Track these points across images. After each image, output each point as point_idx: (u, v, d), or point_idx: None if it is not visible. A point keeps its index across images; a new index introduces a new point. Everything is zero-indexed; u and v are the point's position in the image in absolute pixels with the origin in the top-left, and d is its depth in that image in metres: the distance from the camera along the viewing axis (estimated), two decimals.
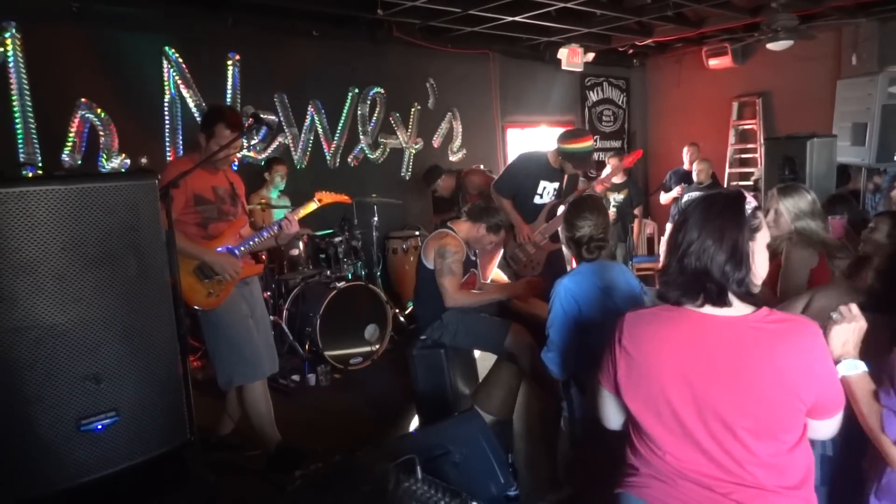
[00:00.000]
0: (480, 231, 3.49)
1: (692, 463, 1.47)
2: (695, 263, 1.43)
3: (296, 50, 5.76)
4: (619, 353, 1.54)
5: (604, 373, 1.62)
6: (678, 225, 1.51)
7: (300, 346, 4.72)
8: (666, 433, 1.49)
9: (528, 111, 7.81)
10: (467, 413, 2.79)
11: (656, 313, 1.54)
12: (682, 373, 1.45)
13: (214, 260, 3.01)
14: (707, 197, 1.54)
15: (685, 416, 1.46)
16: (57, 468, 1.96)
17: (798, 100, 7.33)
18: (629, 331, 1.54)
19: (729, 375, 1.42)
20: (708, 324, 1.45)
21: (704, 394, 1.43)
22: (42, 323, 1.91)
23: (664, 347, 1.48)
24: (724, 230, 1.42)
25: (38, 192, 1.91)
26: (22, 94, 4.29)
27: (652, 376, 1.49)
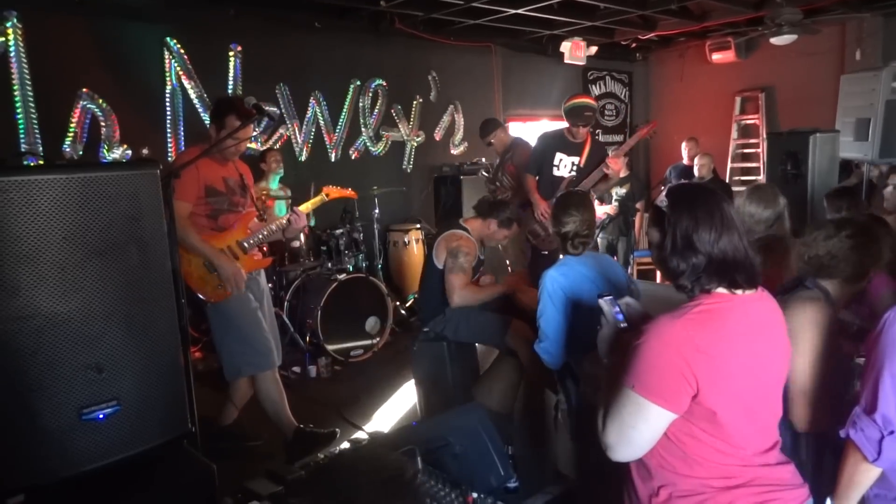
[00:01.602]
0: (492, 227, 3.51)
1: (755, 447, 1.50)
2: (730, 252, 1.47)
3: (298, 41, 5.74)
4: (699, 362, 1.39)
5: (664, 393, 1.40)
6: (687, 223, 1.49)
7: (301, 338, 4.73)
8: (741, 427, 1.46)
9: (530, 105, 7.79)
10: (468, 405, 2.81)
11: (712, 309, 1.46)
12: (751, 357, 1.46)
13: (223, 265, 3.03)
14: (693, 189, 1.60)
15: (752, 399, 1.48)
16: (59, 457, 1.96)
17: (801, 95, 7.32)
18: (702, 335, 1.41)
19: (772, 346, 1.53)
20: (753, 305, 1.51)
21: (763, 369, 1.50)
22: (43, 312, 1.91)
23: (736, 339, 1.45)
24: (730, 219, 1.50)
25: (40, 181, 1.90)
26: (23, 84, 4.29)
27: (733, 372, 1.43)
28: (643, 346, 1.43)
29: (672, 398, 1.41)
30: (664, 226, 1.52)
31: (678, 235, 1.49)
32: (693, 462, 1.46)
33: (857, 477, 1.56)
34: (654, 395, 1.41)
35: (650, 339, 1.42)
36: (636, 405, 1.43)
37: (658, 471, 1.50)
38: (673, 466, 1.48)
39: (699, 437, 1.45)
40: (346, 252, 5.14)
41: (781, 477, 1.50)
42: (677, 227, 1.49)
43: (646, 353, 1.42)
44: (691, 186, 1.64)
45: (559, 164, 4.50)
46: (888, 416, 1.48)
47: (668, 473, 1.48)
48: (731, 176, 8.07)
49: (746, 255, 1.49)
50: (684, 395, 1.40)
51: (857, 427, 1.53)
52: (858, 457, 1.54)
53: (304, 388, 4.34)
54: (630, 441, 1.46)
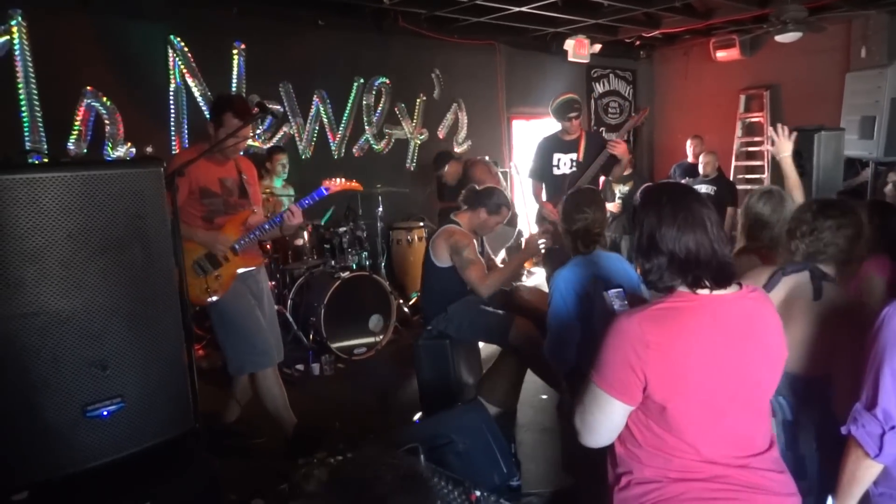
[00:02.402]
0: (482, 216, 3.51)
1: (722, 448, 1.50)
2: (693, 249, 1.48)
3: (301, 39, 5.74)
4: (648, 357, 1.43)
5: (615, 384, 1.46)
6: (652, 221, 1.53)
7: (304, 335, 4.74)
8: (703, 426, 1.48)
9: (533, 103, 7.77)
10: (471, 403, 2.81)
11: (673, 307, 1.48)
12: (714, 358, 1.47)
13: (203, 238, 3.03)
14: (661, 188, 1.63)
15: (718, 401, 1.48)
16: (63, 453, 1.97)
17: (806, 93, 7.29)
18: (655, 332, 1.44)
19: (749, 348, 1.50)
20: (723, 305, 1.50)
21: (733, 372, 1.48)
22: (48, 309, 1.92)
23: (696, 339, 1.46)
24: (706, 215, 1.52)
25: (44, 178, 1.91)
26: (28, 82, 4.30)
27: (688, 370, 1.45)
28: (604, 341, 1.50)
29: (622, 389, 1.47)
30: (634, 225, 1.59)
31: (644, 234, 1.54)
32: (649, 454, 1.52)
33: (858, 473, 1.56)
34: (607, 386, 1.48)
35: (609, 334, 1.50)
36: (594, 395, 1.51)
37: (622, 458, 1.57)
38: (635, 455, 1.54)
39: (654, 431, 1.50)
40: (350, 250, 5.15)
41: (760, 482, 1.49)
42: (644, 226, 1.54)
43: (604, 346, 1.50)
44: (660, 185, 1.69)
45: (558, 163, 4.55)
46: (889, 412, 1.48)
47: (630, 462, 1.55)
48: (735, 174, 8.05)
49: (714, 254, 1.49)
50: (634, 387, 1.46)
51: (857, 423, 1.52)
52: (860, 453, 1.53)
53: (308, 386, 4.35)
54: (591, 428, 1.54)
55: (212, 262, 3.06)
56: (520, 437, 3.45)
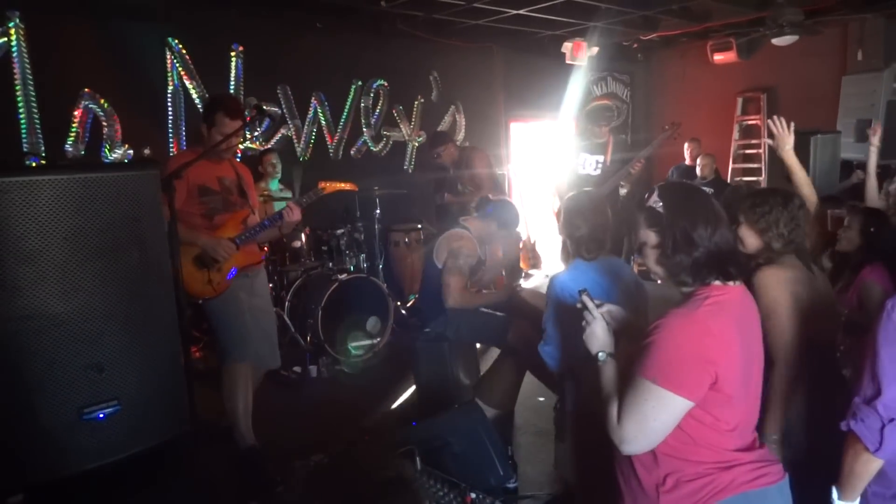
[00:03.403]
0: (492, 227, 3.54)
1: (749, 430, 1.61)
2: (724, 245, 1.56)
3: (299, 42, 5.75)
4: (719, 350, 1.47)
5: (685, 383, 1.45)
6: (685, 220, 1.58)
7: (302, 337, 4.74)
8: (742, 411, 1.57)
9: (531, 105, 7.78)
10: (467, 405, 2.81)
11: (718, 300, 1.53)
12: (745, 345, 1.55)
13: (206, 242, 3.02)
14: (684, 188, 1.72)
15: (748, 385, 1.58)
16: (59, 456, 1.97)
17: (803, 95, 7.31)
18: (718, 325, 1.49)
19: (755, 333, 1.63)
20: (741, 295, 1.61)
21: (752, 357, 1.59)
22: (45, 312, 1.92)
23: (738, 327, 1.54)
24: (720, 213, 1.60)
25: (41, 181, 1.91)
26: (25, 84, 4.30)
27: (740, 359, 1.53)
28: (662, 341, 1.49)
29: (694, 388, 1.47)
30: (661, 226, 1.60)
31: (677, 233, 1.57)
32: (699, 447, 1.53)
33: (857, 468, 1.56)
34: (676, 387, 1.46)
35: (669, 332, 1.49)
36: (659, 398, 1.47)
37: (664, 459, 1.55)
38: (680, 453, 1.53)
39: (706, 422, 1.51)
40: (347, 252, 5.15)
41: (763, 454, 1.61)
42: (675, 226, 1.57)
43: (665, 346, 1.48)
44: (680, 185, 1.77)
45: (584, 163, 4.73)
46: (889, 405, 1.48)
47: (674, 460, 1.54)
48: (732, 177, 8.06)
49: (736, 248, 1.62)
50: (704, 383, 1.47)
51: (857, 417, 1.52)
52: (859, 447, 1.53)
53: (305, 388, 4.35)
54: (650, 433, 1.50)
55: (214, 259, 3.06)
56: (517, 439, 3.46)
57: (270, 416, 3.45)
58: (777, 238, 2.17)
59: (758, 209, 2.21)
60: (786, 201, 2.20)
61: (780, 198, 2.22)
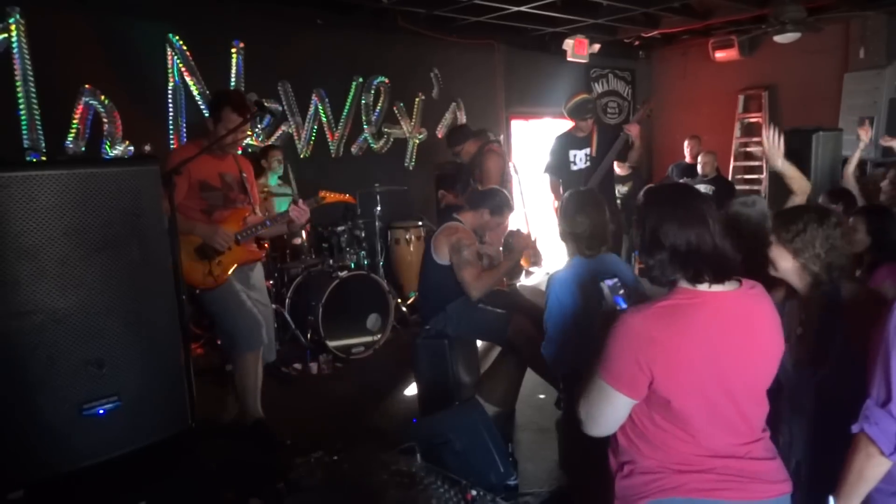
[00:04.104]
0: (485, 217, 3.53)
1: (721, 439, 1.54)
2: (694, 243, 1.52)
3: (300, 38, 5.74)
4: (655, 353, 1.46)
5: (622, 379, 1.50)
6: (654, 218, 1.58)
7: (302, 334, 4.73)
8: (704, 419, 1.52)
9: (532, 103, 7.77)
10: (468, 403, 2.81)
11: (679, 304, 1.51)
12: (716, 354, 1.50)
13: (204, 232, 3.03)
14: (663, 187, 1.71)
15: (718, 395, 1.52)
16: (60, 452, 1.97)
17: (804, 93, 7.29)
18: (660, 328, 1.48)
19: (747, 344, 1.54)
20: (725, 301, 1.54)
21: (733, 367, 1.52)
22: (44, 308, 1.92)
23: (699, 335, 1.50)
24: (706, 211, 1.56)
25: (41, 176, 1.91)
26: (26, 81, 4.29)
27: (692, 366, 1.49)
28: (610, 336, 1.54)
29: (629, 384, 1.51)
30: (638, 223, 1.62)
31: (647, 230, 1.58)
32: (653, 445, 1.55)
33: (867, 472, 1.54)
34: (613, 381, 1.52)
35: (615, 330, 1.53)
36: (600, 389, 1.55)
37: (625, 448, 1.61)
38: (637, 447, 1.58)
39: (658, 424, 1.54)
40: (348, 249, 5.14)
41: (755, 470, 1.54)
42: (646, 223, 1.59)
43: (610, 342, 1.53)
44: (663, 185, 1.79)
45: (574, 159, 4.76)
46: None
47: (633, 452, 1.59)
48: (733, 174, 8.05)
49: (714, 248, 1.53)
50: (640, 382, 1.50)
51: (870, 421, 1.50)
52: (872, 451, 1.51)
53: (305, 385, 4.35)
54: (596, 420, 1.59)
55: (214, 249, 3.08)
56: (517, 436, 3.45)
57: (271, 412, 3.44)
58: (814, 259, 1.97)
59: (791, 227, 2.02)
60: (821, 219, 2.00)
61: (815, 214, 2.03)
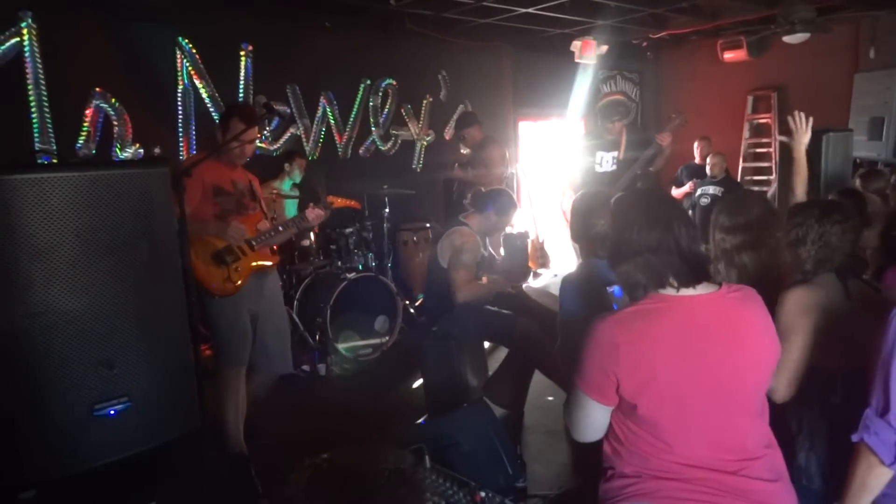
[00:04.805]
0: (491, 218, 3.53)
1: (702, 450, 1.49)
2: (654, 249, 1.49)
3: (308, 41, 5.76)
4: (618, 357, 1.45)
5: (591, 386, 1.51)
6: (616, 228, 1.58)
7: (310, 336, 4.75)
8: (676, 426, 1.48)
9: (540, 104, 7.76)
10: (476, 404, 2.81)
11: (644, 309, 1.49)
12: (685, 358, 1.46)
13: (217, 228, 3.01)
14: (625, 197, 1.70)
15: (692, 401, 1.47)
16: (71, 452, 1.98)
17: (814, 94, 7.24)
18: (623, 334, 1.46)
19: (727, 349, 1.49)
20: (699, 305, 1.50)
21: (710, 373, 1.47)
22: (56, 308, 1.93)
23: (664, 339, 1.46)
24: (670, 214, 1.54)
25: (53, 178, 1.92)
26: (37, 84, 4.32)
27: (657, 370, 1.45)
28: (582, 344, 1.54)
29: (598, 390, 1.52)
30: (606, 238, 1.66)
31: (612, 243, 1.60)
32: (630, 451, 1.55)
33: (869, 481, 1.53)
34: (585, 387, 1.54)
35: (586, 337, 1.53)
36: (576, 396, 1.58)
37: (607, 455, 1.62)
38: (617, 452, 1.58)
39: (632, 429, 1.53)
40: (356, 251, 5.16)
41: (747, 488, 1.47)
42: (610, 236, 1.62)
43: (582, 349, 1.54)
44: (631, 194, 1.76)
45: (601, 161, 4.72)
46: None
47: (613, 458, 1.59)
48: (742, 175, 8.01)
49: (678, 251, 1.49)
50: (608, 388, 1.50)
51: (870, 431, 1.50)
52: (873, 460, 1.50)
53: (313, 386, 4.36)
54: (576, 426, 1.62)
55: (230, 254, 3.07)
56: (526, 438, 3.45)
57: (279, 414, 3.46)
58: (805, 254, 1.99)
59: (791, 220, 2.05)
60: (822, 216, 1.99)
61: (818, 211, 2.02)
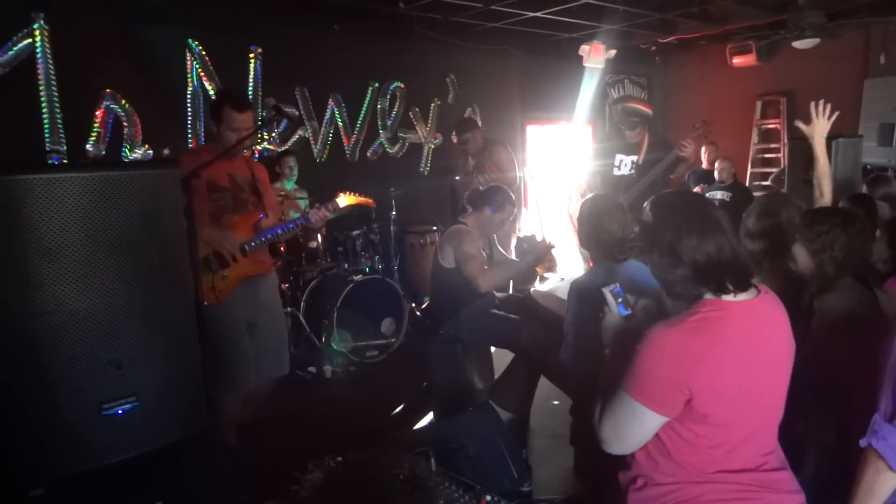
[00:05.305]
0: (486, 214, 3.52)
1: (747, 451, 1.52)
2: (714, 255, 1.48)
3: (317, 44, 5.78)
4: (697, 370, 1.43)
5: (655, 398, 1.46)
6: (670, 233, 1.52)
7: (317, 338, 4.76)
8: (734, 430, 1.51)
9: (548, 108, 7.76)
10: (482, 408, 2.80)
11: (708, 317, 1.48)
12: (745, 364, 1.48)
13: (212, 236, 2.91)
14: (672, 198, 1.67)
15: (747, 405, 1.50)
16: (79, 451, 1.99)
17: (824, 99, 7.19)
18: (698, 344, 1.45)
19: (770, 352, 1.53)
20: (748, 310, 1.52)
21: (758, 376, 1.51)
22: (66, 308, 1.94)
23: (732, 347, 1.47)
24: (721, 218, 1.53)
25: (64, 179, 1.93)
26: (49, 85, 4.36)
27: (728, 380, 1.46)
28: (641, 353, 1.48)
29: (665, 404, 1.47)
30: (650, 240, 1.58)
31: (664, 247, 1.53)
32: (672, 460, 1.52)
33: (877, 486, 1.52)
34: (647, 401, 1.47)
35: (647, 347, 1.47)
36: (630, 408, 1.49)
37: (639, 462, 1.57)
38: (654, 461, 1.54)
39: (685, 437, 1.50)
40: (363, 253, 5.17)
41: (770, 481, 1.52)
42: (662, 240, 1.53)
43: (642, 359, 1.48)
44: (670, 195, 1.71)
45: (619, 164, 4.61)
46: None
47: (648, 466, 1.55)
48: (751, 180, 7.98)
49: (735, 257, 1.50)
50: (677, 401, 1.46)
51: (878, 436, 1.49)
52: (881, 465, 1.49)
53: (319, 389, 4.36)
54: (623, 438, 1.54)
55: (220, 262, 2.96)
56: (531, 442, 3.44)
57: (284, 416, 3.46)
58: (830, 262, 2.01)
59: (815, 227, 2.06)
60: (846, 223, 2.04)
61: (841, 218, 2.06)
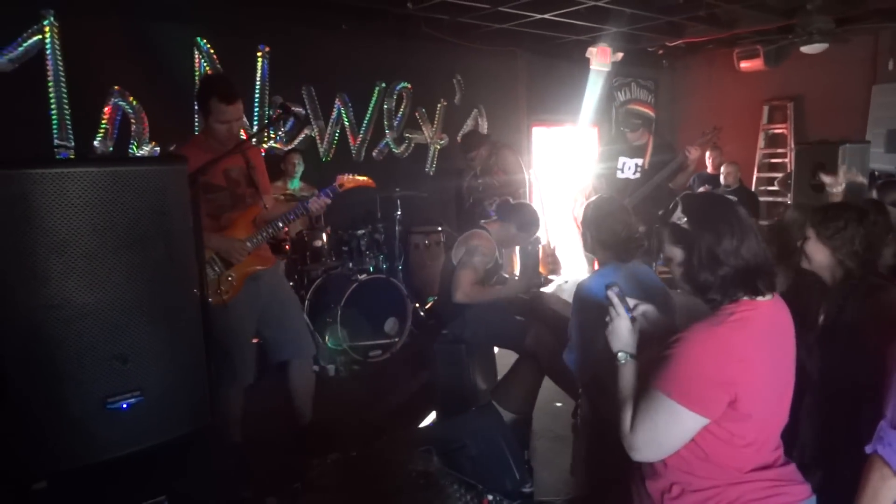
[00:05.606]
0: (511, 231, 3.52)
1: (774, 448, 1.55)
2: (751, 259, 1.50)
3: (324, 43, 5.80)
4: (743, 371, 1.43)
5: (699, 399, 1.43)
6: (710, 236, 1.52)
7: (320, 336, 4.76)
8: (766, 429, 1.53)
9: (555, 110, 7.76)
10: (485, 408, 2.81)
11: (744, 317, 1.48)
12: (775, 363, 1.52)
13: (220, 245, 2.91)
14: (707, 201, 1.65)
15: (776, 404, 1.53)
16: (83, 444, 2.00)
17: (831, 105, 7.20)
18: (744, 344, 1.45)
19: (787, 350, 1.56)
20: (773, 310, 1.55)
21: (782, 375, 1.54)
22: (72, 302, 1.95)
23: (767, 346, 1.50)
24: (746, 224, 1.54)
25: (72, 173, 1.94)
26: (57, 81, 4.38)
27: (768, 379, 1.49)
28: (681, 354, 1.45)
29: (711, 405, 1.44)
30: (686, 243, 1.55)
31: (703, 250, 1.51)
32: (710, 463, 1.50)
33: (882, 493, 1.52)
34: (692, 403, 1.44)
35: (689, 348, 1.45)
36: (672, 412, 1.45)
37: (673, 468, 1.54)
38: (689, 466, 1.51)
39: (721, 437, 1.48)
40: (368, 253, 5.18)
41: (786, 473, 1.56)
42: (700, 243, 1.52)
43: (684, 361, 1.45)
44: (704, 197, 1.71)
45: (623, 167, 4.59)
46: None
47: (682, 472, 1.52)
48: (757, 185, 7.97)
49: (766, 260, 1.53)
50: (721, 402, 1.44)
51: (884, 442, 1.49)
52: (886, 472, 1.49)
53: (322, 387, 4.36)
54: (661, 444, 1.49)
55: (224, 262, 2.96)
56: (533, 443, 3.44)
57: (288, 414, 3.46)
58: (851, 257, 2.03)
59: (831, 224, 2.07)
60: (861, 217, 2.06)
61: (855, 213, 2.08)
